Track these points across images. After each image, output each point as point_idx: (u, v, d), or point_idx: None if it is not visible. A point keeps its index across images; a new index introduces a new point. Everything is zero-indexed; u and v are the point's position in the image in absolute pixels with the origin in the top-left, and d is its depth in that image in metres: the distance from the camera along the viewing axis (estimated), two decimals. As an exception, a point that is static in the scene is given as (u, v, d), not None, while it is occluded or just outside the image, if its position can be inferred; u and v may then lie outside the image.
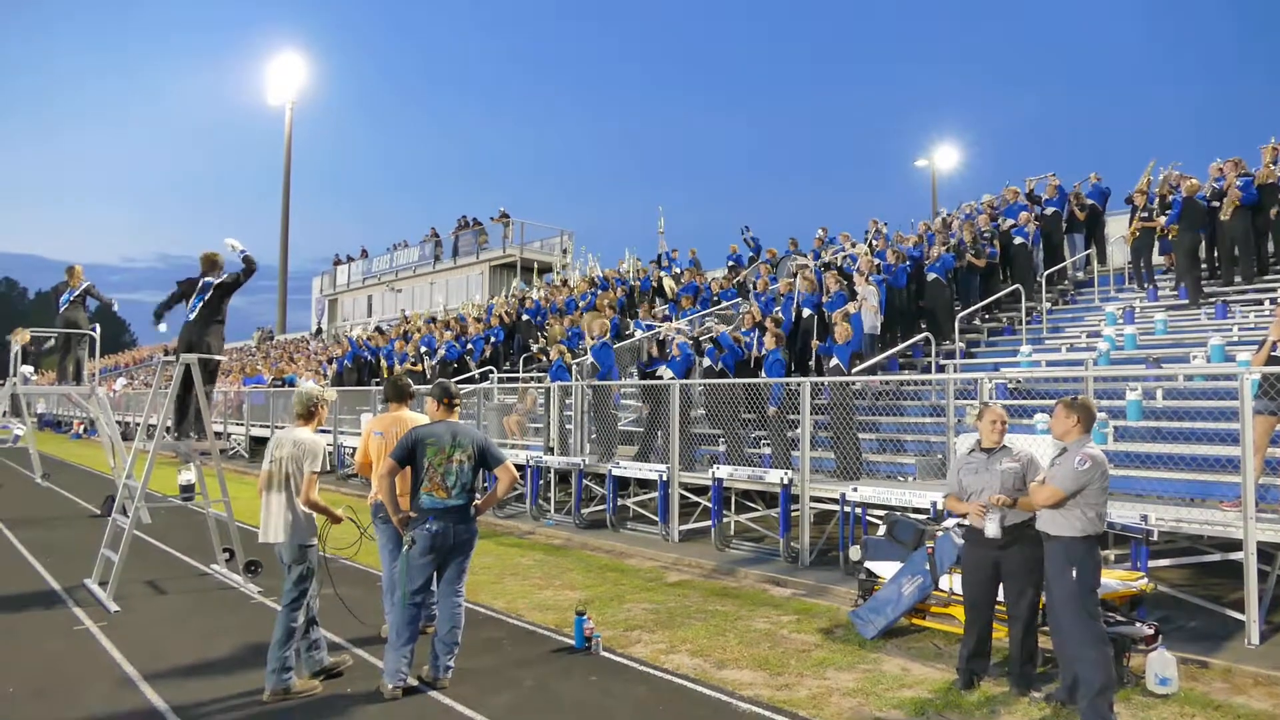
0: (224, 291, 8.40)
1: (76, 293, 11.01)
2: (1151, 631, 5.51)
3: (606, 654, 6.08)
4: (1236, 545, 6.18)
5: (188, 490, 8.92)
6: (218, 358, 8.46)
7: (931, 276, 13.32)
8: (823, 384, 10.01)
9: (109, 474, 13.55)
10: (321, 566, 5.48)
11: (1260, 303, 11.13)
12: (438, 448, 5.30)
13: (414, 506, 5.31)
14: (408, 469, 5.37)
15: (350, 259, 40.66)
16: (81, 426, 34.77)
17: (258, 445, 22.12)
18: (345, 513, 5.63)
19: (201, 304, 8.26)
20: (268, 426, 21.18)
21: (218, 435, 8.59)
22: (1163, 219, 12.29)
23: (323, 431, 19.05)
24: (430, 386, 5.84)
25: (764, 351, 11.50)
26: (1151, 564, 6.51)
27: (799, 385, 9.44)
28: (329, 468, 5.51)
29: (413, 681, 5.36)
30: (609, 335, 13.08)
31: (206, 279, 8.35)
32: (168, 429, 8.36)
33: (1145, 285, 13.19)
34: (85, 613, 7.14)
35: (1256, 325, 10.22)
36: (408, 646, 5.24)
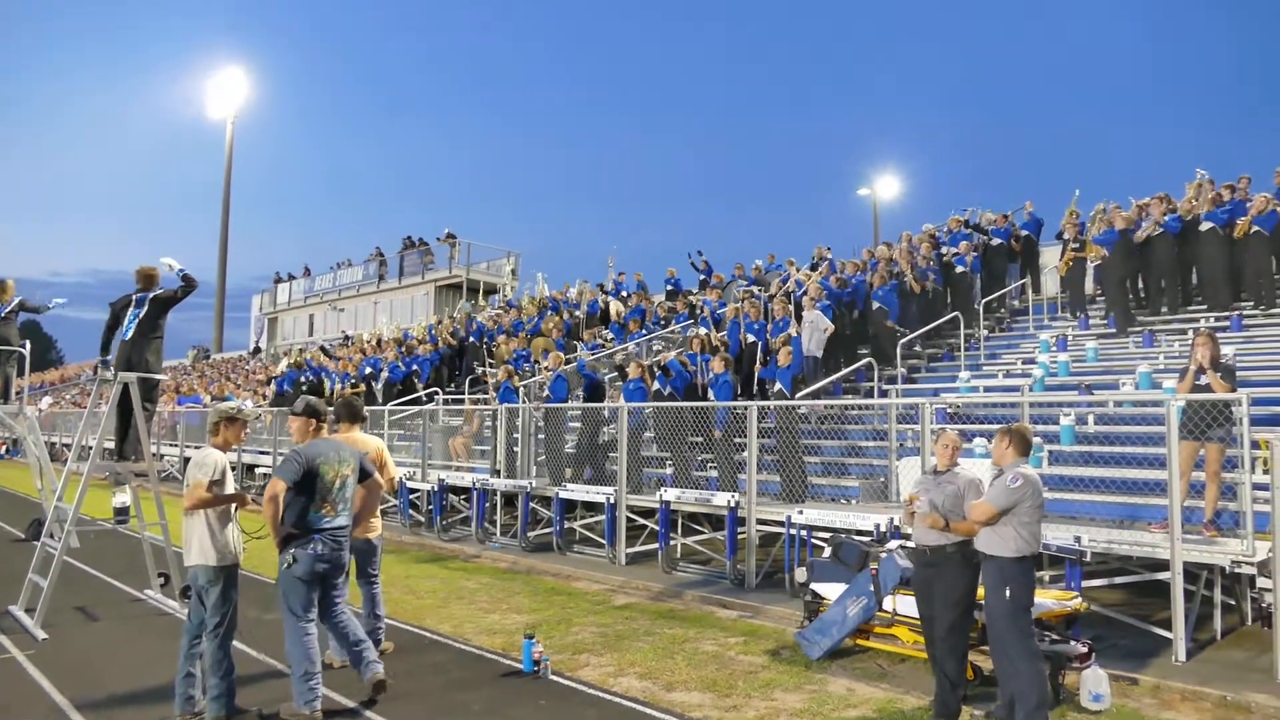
0: (161, 306, 8.08)
1: (8, 309, 10.60)
2: (1085, 650, 5.68)
3: (555, 677, 6.05)
4: (1164, 565, 6.44)
5: (122, 513, 8.63)
6: (159, 376, 8.22)
7: (875, 304, 13.62)
8: (769, 408, 10.15)
9: (35, 496, 13.05)
10: (252, 589, 5.32)
11: (1184, 332, 11.60)
12: (329, 466, 5.30)
13: (300, 525, 5.19)
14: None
15: (292, 277, 39.97)
16: (3, 447, 33.42)
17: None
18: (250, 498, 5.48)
19: (137, 320, 7.99)
20: (202, 448, 20.64)
21: (152, 456, 8.36)
22: (1100, 249, 12.71)
23: (261, 453, 18.67)
24: (297, 404, 5.78)
25: (711, 376, 11.63)
26: (1085, 584, 6.72)
27: (745, 409, 9.56)
28: (230, 482, 5.36)
29: (349, 704, 5.32)
30: (562, 365, 13.15)
31: (141, 293, 8.08)
32: (112, 451, 8.10)
33: (1077, 314, 13.66)
34: (11, 640, 6.88)
35: (1181, 353, 10.65)
36: (317, 673, 5.13)
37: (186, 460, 21.76)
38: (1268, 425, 8.00)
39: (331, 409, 6.25)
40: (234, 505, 5.34)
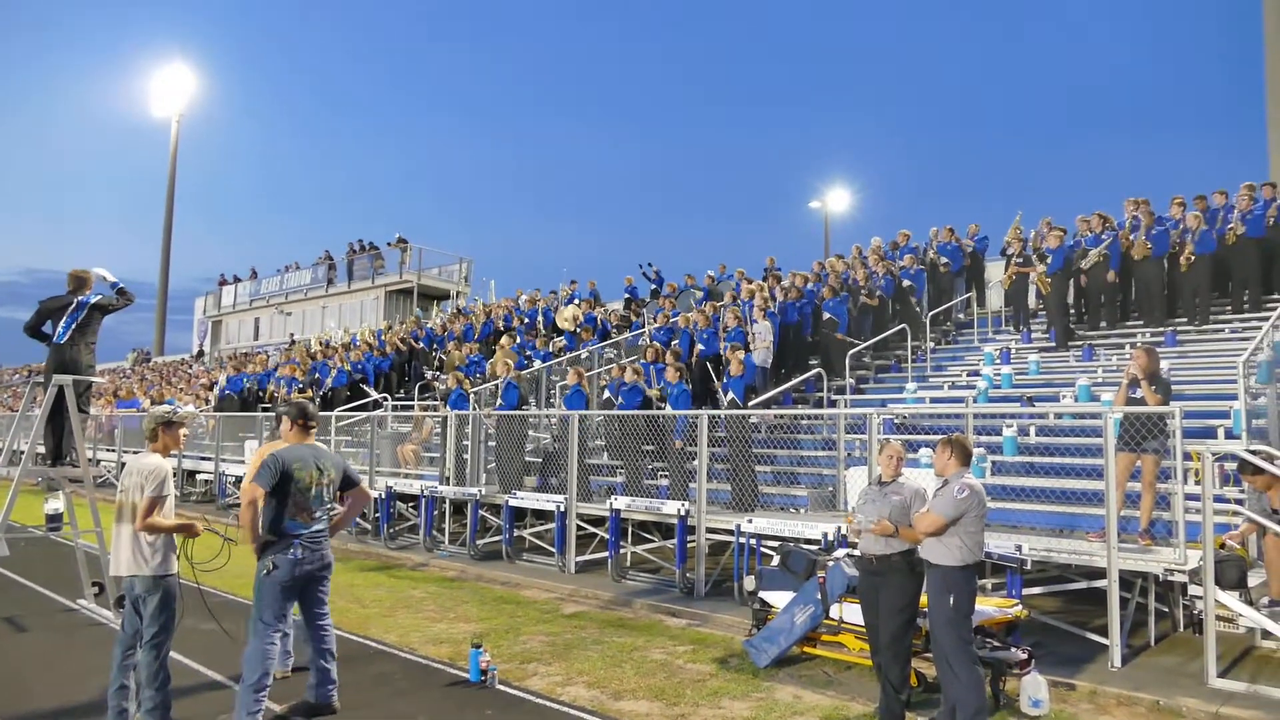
0: (98, 312, 7.98)
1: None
2: (1025, 656, 5.81)
3: (503, 687, 6.01)
4: (1101, 574, 6.61)
5: (54, 520, 8.36)
6: (94, 379, 8.01)
7: (826, 315, 13.79)
8: (720, 417, 10.20)
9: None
10: (191, 598, 5.15)
11: (1122, 347, 11.95)
12: (307, 471, 5.21)
13: (275, 530, 5.12)
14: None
15: (237, 279, 39.12)
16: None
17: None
18: (203, 525, 5.34)
19: (75, 324, 7.83)
20: (141, 453, 20.07)
21: (88, 461, 8.12)
22: (1042, 267, 13.04)
23: (202, 459, 18.23)
24: (285, 407, 5.68)
25: (663, 385, 11.66)
26: (1025, 592, 6.87)
27: (697, 418, 9.60)
28: (172, 491, 5.18)
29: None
30: (513, 372, 13.06)
31: (80, 298, 7.91)
32: (44, 455, 7.84)
33: (1020, 328, 13.99)
34: (-67, 653, 6.62)
35: (1118, 367, 10.95)
36: (268, 686, 5.02)
37: (123, 466, 21.15)
38: (1200, 437, 8.27)
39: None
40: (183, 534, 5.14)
